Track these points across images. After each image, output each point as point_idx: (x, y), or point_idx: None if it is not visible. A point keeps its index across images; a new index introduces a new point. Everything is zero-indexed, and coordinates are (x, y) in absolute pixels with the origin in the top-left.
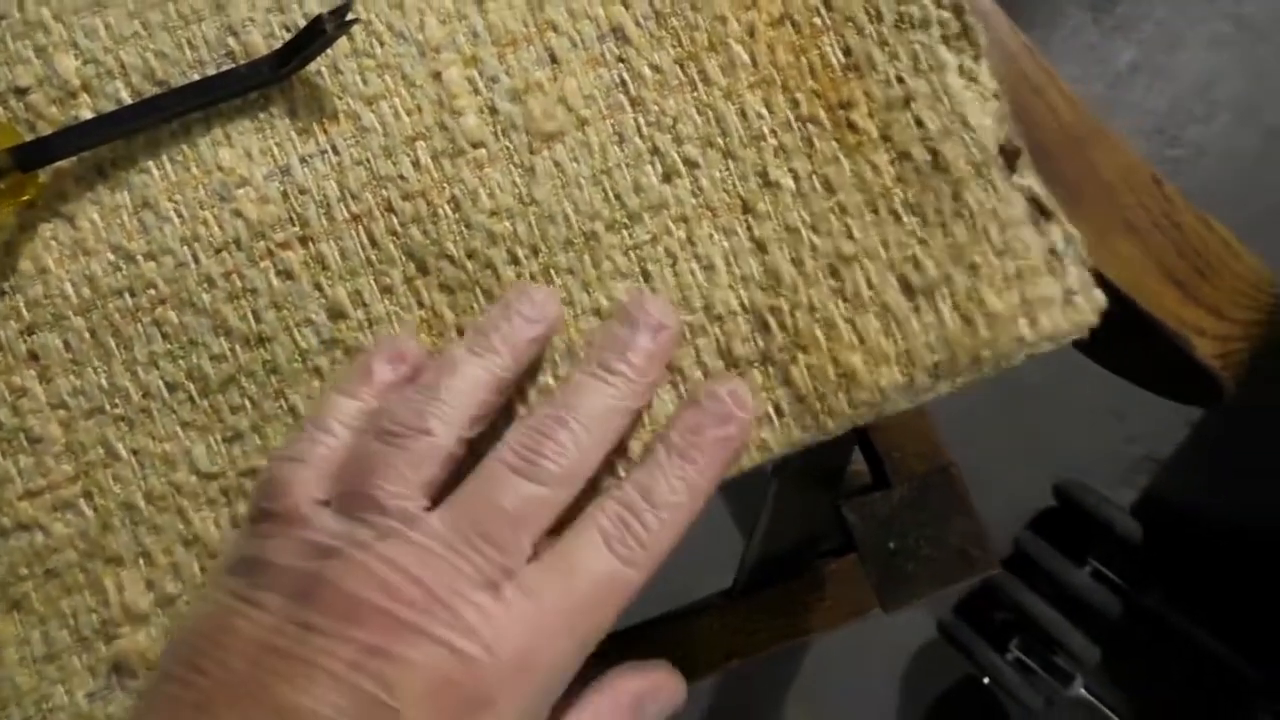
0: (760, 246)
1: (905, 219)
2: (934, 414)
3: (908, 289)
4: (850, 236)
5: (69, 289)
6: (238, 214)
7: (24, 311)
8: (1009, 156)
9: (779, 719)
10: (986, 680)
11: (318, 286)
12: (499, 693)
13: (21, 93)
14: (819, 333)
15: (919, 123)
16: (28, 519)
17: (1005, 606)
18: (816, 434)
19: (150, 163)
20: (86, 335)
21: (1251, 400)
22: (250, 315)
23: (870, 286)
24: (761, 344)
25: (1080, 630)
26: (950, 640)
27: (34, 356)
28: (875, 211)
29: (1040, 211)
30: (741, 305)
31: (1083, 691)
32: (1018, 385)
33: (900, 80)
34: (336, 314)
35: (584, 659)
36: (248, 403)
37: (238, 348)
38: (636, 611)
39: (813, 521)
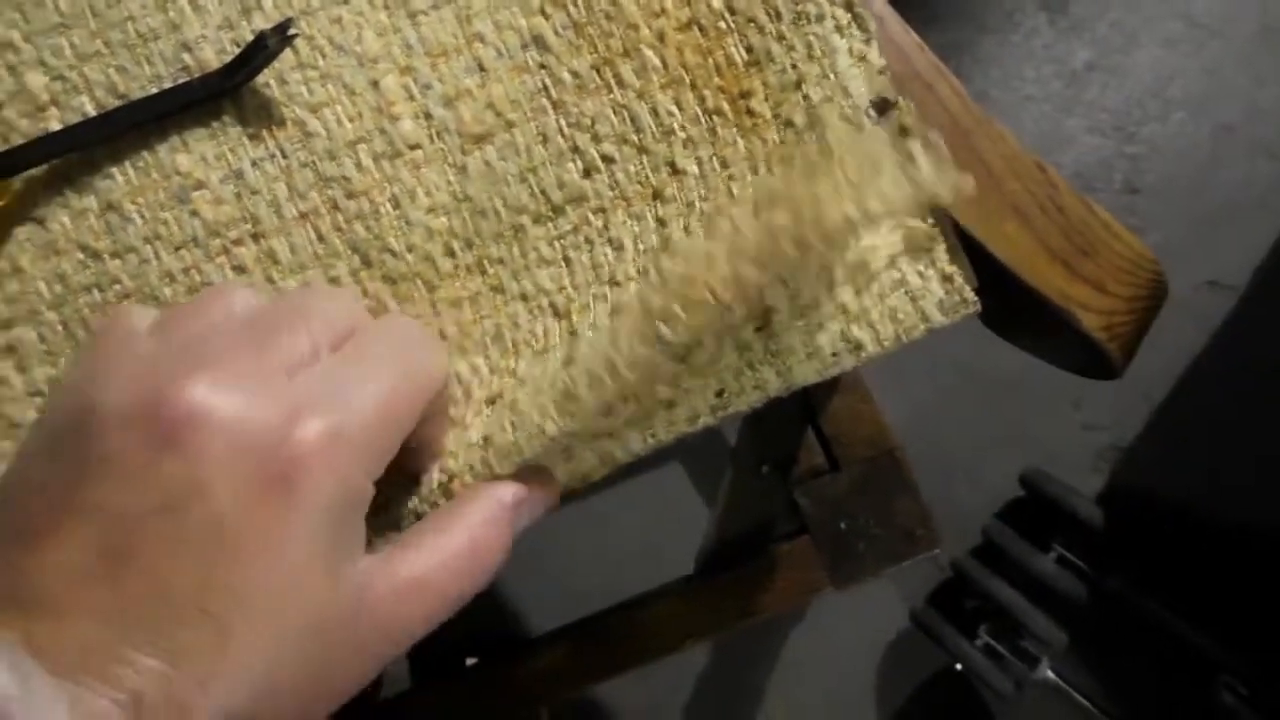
0: (661, 223)
1: (777, 172)
2: (905, 407)
3: None
4: (731, 196)
5: (42, 286)
6: (195, 214)
7: (0, 307)
8: (880, 107)
9: (757, 713)
10: (959, 666)
11: (269, 279)
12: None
13: None
14: None
15: (806, 98)
16: None
17: (974, 594)
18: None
19: (114, 169)
20: (59, 328)
21: (1205, 389)
22: None
23: None
24: None
25: (1047, 615)
26: (922, 628)
27: (11, 349)
28: (755, 173)
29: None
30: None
31: (1050, 674)
32: (987, 379)
33: (794, 67)
34: None
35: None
36: None
37: None
38: (598, 601)
39: (766, 506)
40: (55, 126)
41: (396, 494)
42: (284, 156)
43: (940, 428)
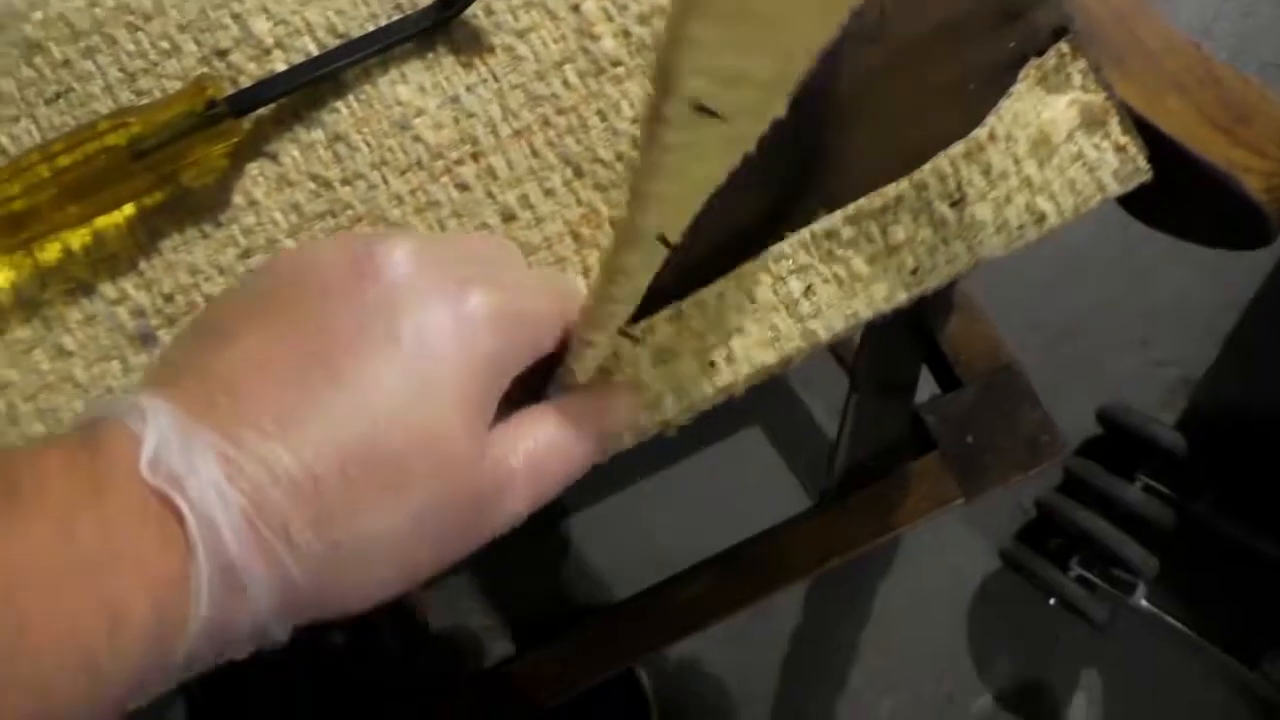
0: None
1: None
2: None
3: None
4: None
5: (278, 216)
6: (417, 139)
7: (240, 238)
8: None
9: (850, 667)
10: (1053, 600)
11: (490, 195)
12: None
13: (223, 54)
14: None
15: None
16: None
17: (1062, 529)
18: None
19: (338, 103)
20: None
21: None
22: (436, 225)
23: None
24: None
25: (1137, 543)
26: (1013, 566)
27: (250, 272)
28: None
29: None
30: None
31: (1144, 602)
32: (1052, 328)
33: None
34: (508, 216)
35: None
36: None
37: None
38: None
39: (892, 429)
40: (280, 68)
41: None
42: (496, 80)
43: None
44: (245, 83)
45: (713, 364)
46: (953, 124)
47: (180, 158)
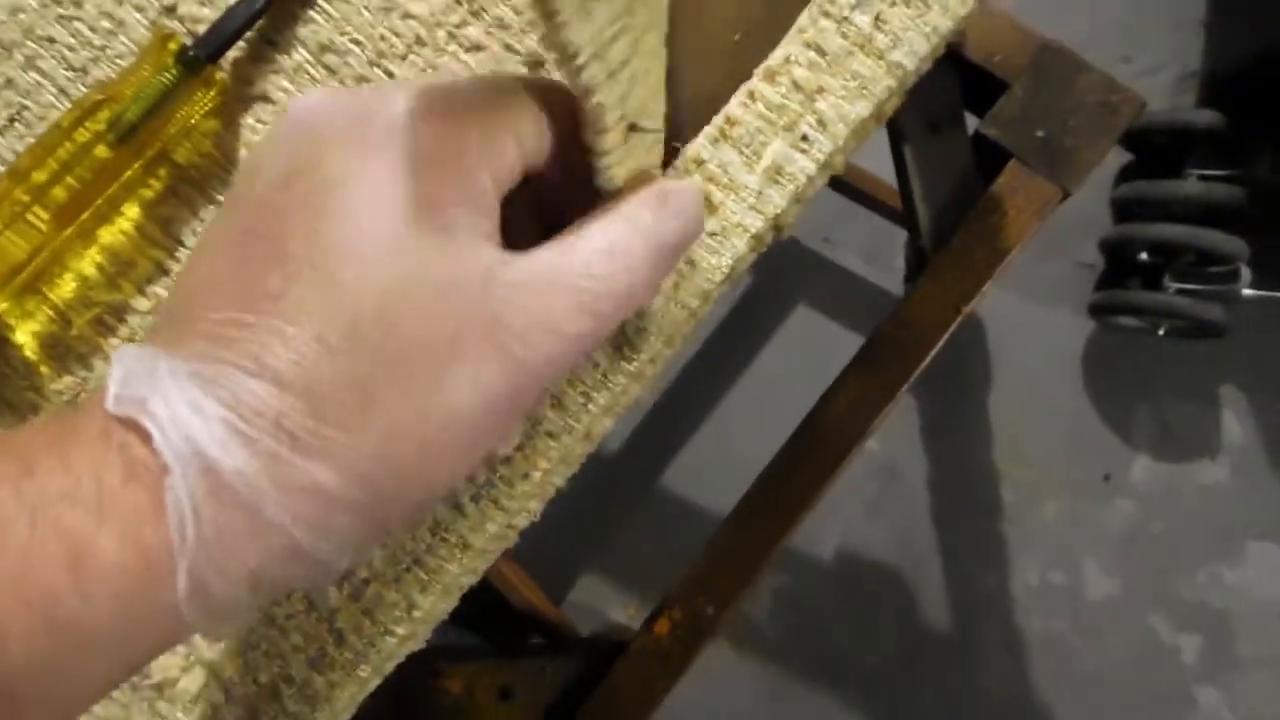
0: None
1: None
2: None
3: None
4: None
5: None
6: (408, 16)
7: None
8: None
9: (993, 482)
10: (1162, 331)
11: (508, 48)
12: None
13: (170, 10)
14: None
15: None
16: None
17: (1137, 261)
18: None
19: (311, 13)
20: None
21: None
22: None
23: None
24: None
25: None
26: (1109, 314)
27: None
28: None
29: None
30: None
31: (1250, 290)
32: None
33: None
34: (535, 63)
35: None
36: None
37: None
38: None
39: (959, 161)
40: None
41: None
42: None
43: None
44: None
45: (805, 138)
46: None
47: (165, 130)
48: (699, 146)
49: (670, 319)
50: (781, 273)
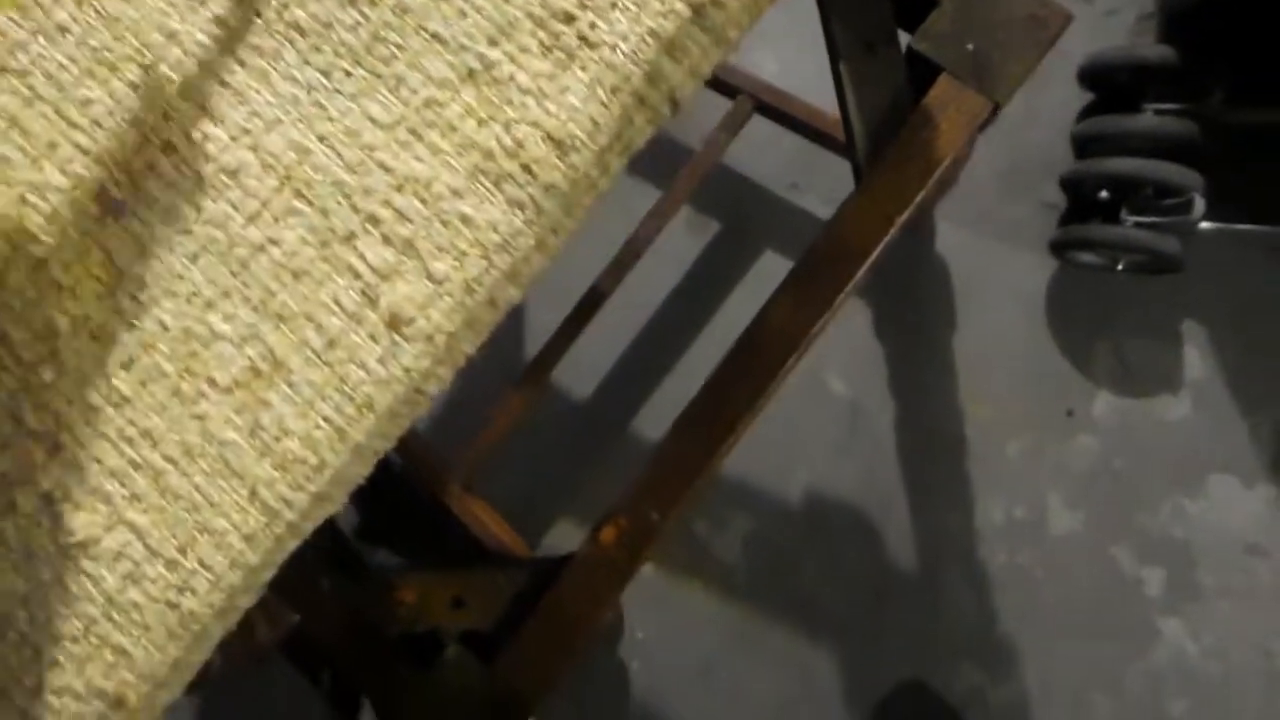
0: None
1: None
2: None
3: None
4: None
5: (201, 36)
6: None
7: (172, 74)
8: None
9: (956, 420)
10: (1120, 266)
11: None
12: None
13: None
14: None
15: None
16: (260, 240)
17: (1095, 197)
18: None
19: None
20: (238, 69)
21: None
22: None
23: None
24: None
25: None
26: (1069, 249)
27: (201, 107)
28: None
29: None
30: None
31: (1206, 223)
32: None
33: None
34: None
35: None
36: (395, 50)
37: (364, 8)
38: None
39: (892, 77)
40: None
41: None
42: None
43: None
44: None
45: None
46: None
47: None
48: None
49: (573, 183)
50: (748, 219)
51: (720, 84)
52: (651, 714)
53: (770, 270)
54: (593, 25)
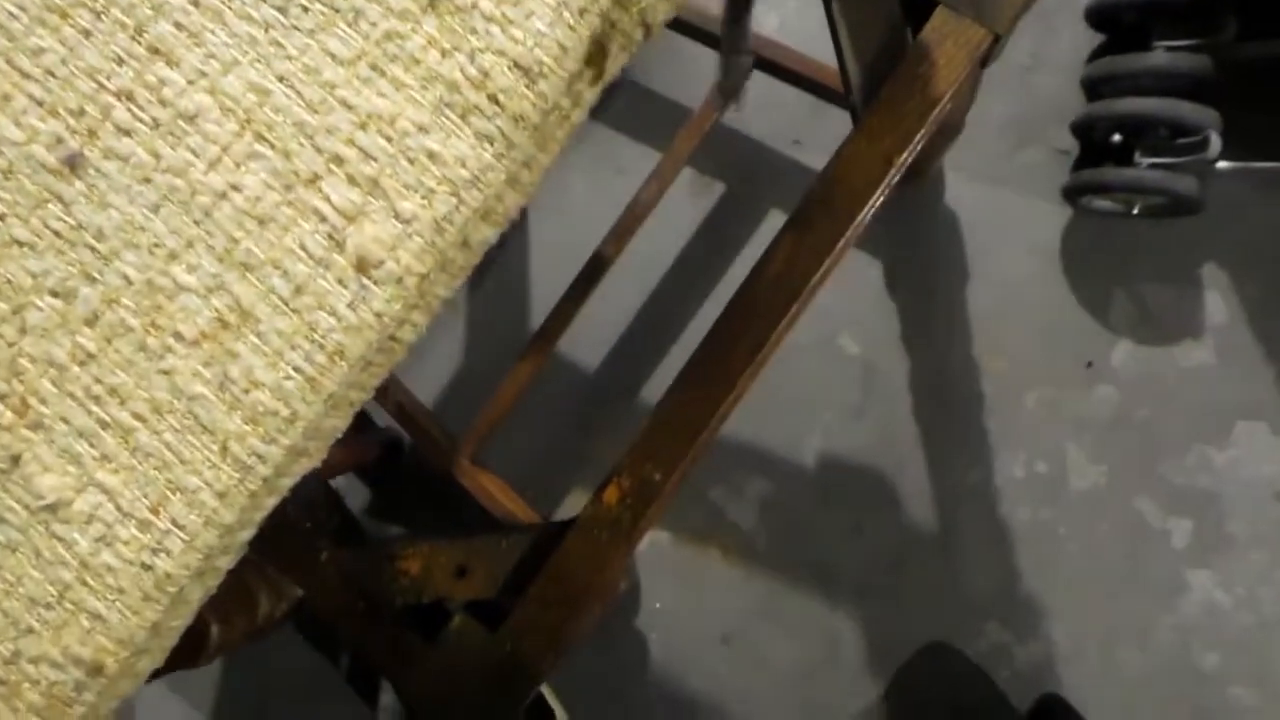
0: None
1: None
2: None
3: None
4: None
5: None
6: None
7: (125, 19)
8: None
9: (973, 377)
10: (1136, 210)
11: None
12: None
13: None
14: None
15: None
16: (222, 186)
17: (1108, 143)
18: None
19: None
20: (192, 10)
21: None
22: None
23: None
24: None
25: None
26: (1081, 192)
27: (155, 50)
28: None
29: None
30: None
31: (1224, 162)
32: None
33: None
34: None
35: None
36: None
37: None
38: None
39: (886, 9)
40: None
41: None
42: None
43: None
44: None
45: None
46: None
47: None
48: None
49: (543, 114)
50: (753, 178)
51: (718, 40)
52: (673, 685)
53: (776, 230)
54: None
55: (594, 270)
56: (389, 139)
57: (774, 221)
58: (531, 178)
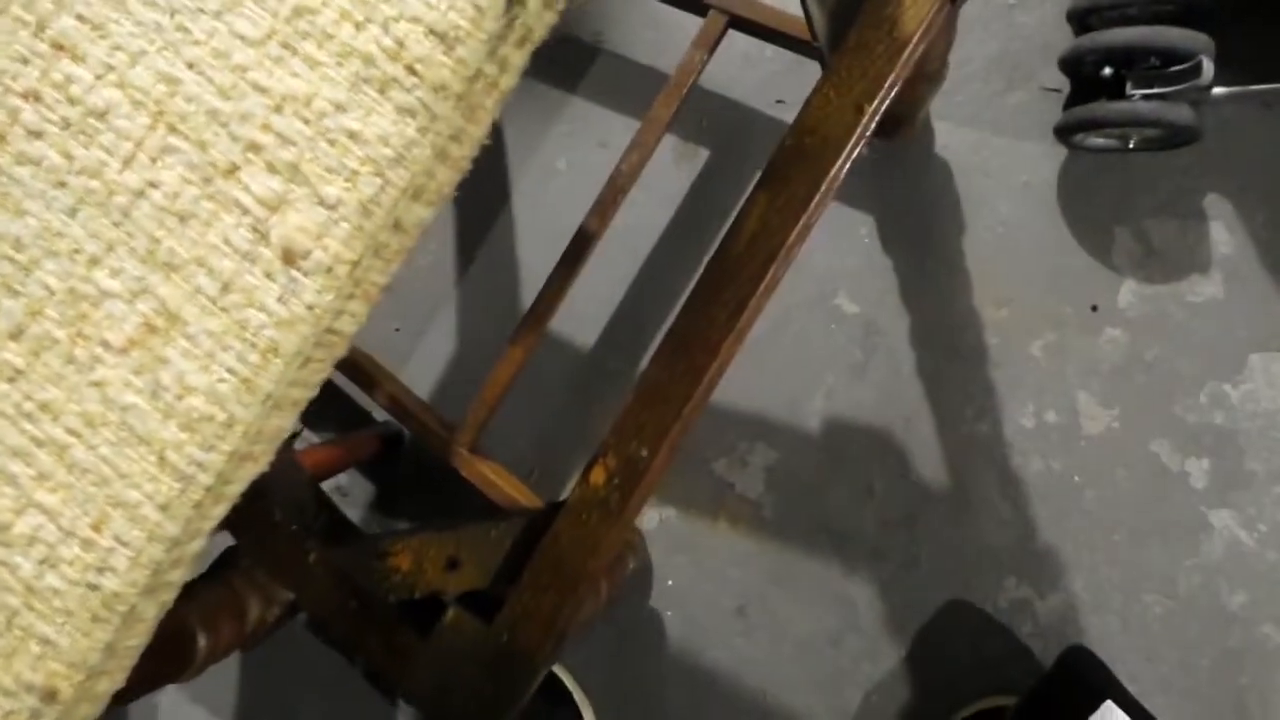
0: None
1: None
2: None
3: None
4: None
5: None
6: None
7: (25, 15)
8: None
9: (974, 327)
10: (1132, 144)
11: None
12: None
13: None
14: None
15: None
16: (139, 184)
17: (1099, 76)
18: None
19: None
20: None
21: None
22: None
23: None
24: None
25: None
26: (1074, 130)
27: (59, 46)
28: None
29: None
30: None
31: (1219, 88)
32: None
33: None
34: None
35: None
36: None
37: None
38: None
39: None
40: None
41: None
42: None
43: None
44: None
45: None
46: None
47: None
48: None
49: (465, 81)
50: (736, 142)
51: (690, 2)
52: (691, 661)
53: None
54: None
55: (580, 246)
56: (306, 121)
57: None
58: (463, 151)
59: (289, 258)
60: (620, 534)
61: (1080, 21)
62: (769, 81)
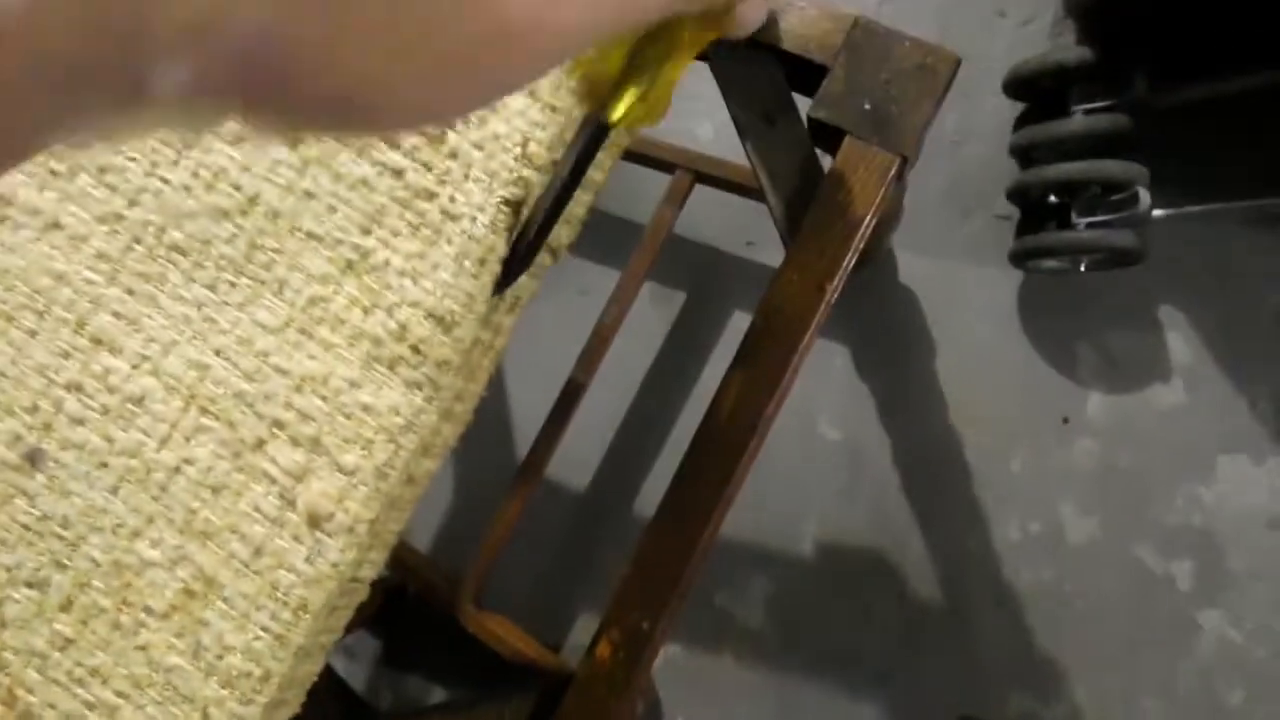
0: None
1: None
2: None
3: None
4: None
5: (88, 274)
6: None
7: (66, 314)
8: None
9: (956, 443)
10: (1083, 266)
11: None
12: None
13: None
14: None
15: None
16: (174, 461)
17: (1043, 205)
18: None
19: None
20: (128, 298)
21: None
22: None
23: None
24: None
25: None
26: (1028, 258)
27: (97, 341)
28: None
29: None
30: None
31: (1157, 211)
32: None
33: None
34: None
35: None
36: (273, 254)
37: (238, 220)
38: None
39: (798, 148)
40: None
41: None
42: None
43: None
44: None
45: None
46: None
47: None
48: None
49: (464, 354)
50: (711, 284)
51: (657, 161)
52: None
53: (741, 330)
54: (452, 198)
55: (570, 396)
56: (324, 398)
57: (738, 322)
58: (465, 407)
59: (314, 521)
60: (628, 704)
61: (1022, 155)
62: (739, 225)
